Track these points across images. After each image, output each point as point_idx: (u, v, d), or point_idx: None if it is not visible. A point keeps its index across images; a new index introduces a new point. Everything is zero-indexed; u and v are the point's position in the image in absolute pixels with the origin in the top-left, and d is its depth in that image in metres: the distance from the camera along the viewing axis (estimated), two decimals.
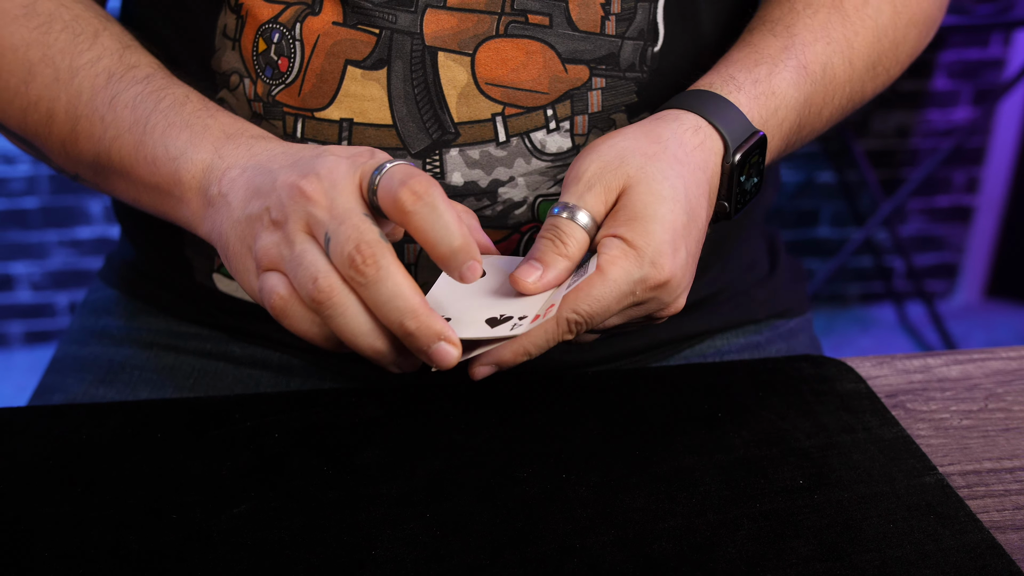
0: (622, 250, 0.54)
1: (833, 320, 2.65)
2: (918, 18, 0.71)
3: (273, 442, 0.59)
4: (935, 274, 2.72)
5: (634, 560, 0.50)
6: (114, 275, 0.81)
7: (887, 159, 2.57)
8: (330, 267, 0.50)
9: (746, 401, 0.63)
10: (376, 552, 0.50)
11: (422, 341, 0.50)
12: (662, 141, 0.58)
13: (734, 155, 0.60)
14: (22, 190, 2.36)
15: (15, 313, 2.49)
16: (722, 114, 0.60)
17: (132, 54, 0.63)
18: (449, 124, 0.63)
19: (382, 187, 0.51)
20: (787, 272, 0.84)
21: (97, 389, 0.74)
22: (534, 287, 0.55)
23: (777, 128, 0.63)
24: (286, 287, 0.51)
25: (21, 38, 0.62)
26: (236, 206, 0.54)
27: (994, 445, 0.60)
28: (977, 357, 0.69)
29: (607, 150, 0.57)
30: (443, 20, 0.62)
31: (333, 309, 0.50)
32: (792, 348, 0.80)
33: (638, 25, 0.64)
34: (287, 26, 0.62)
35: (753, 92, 0.62)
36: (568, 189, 0.57)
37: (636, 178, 0.56)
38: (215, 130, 0.58)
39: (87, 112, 0.61)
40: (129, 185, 0.62)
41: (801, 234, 2.63)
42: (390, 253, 0.49)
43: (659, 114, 0.61)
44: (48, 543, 0.51)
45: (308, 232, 0.51)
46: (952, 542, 0.51)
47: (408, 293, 0.49)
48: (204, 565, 0.49)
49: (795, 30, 0.65)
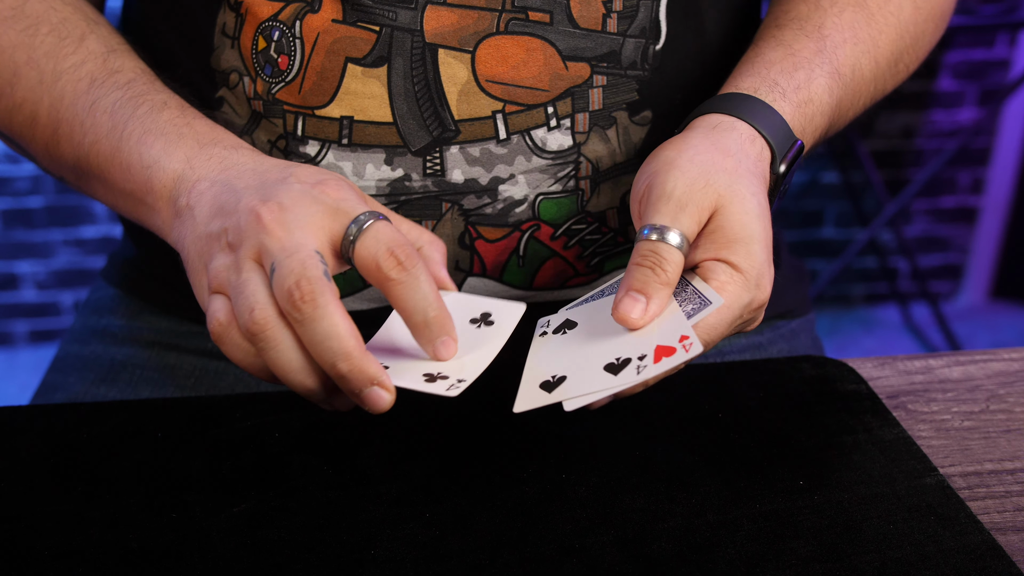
0: (729, 275, 0.54)
1: (838, 321, 2.64)
2: (935, 12, 0.71)
3: (273, 441, 0.59)
4: (940, 275, 2.71)
5: (633, 560, 0.49)
6: (116, 274, 0.81)
7: (892, 160, 2.57)
8: (269, 299, 0.50)
9: (747, 401, 0.63)
10: (375, 552, 0.50)
11: (354, 384, 0.49)
12: (732, 154, 0.57)
13: (780, 164, 0.60)
14: (27, 189, 2.36)
15: (20, 312, 2.50)
16: (771, 124, 0.60)
17: (116, 58, 0.63)
18: (449, 121, 0.63)
19: (364, 247, 0.51)
20: (789, 272, 0.84)
21: (98, 388, 0.74)
22: (642, 321, 0.53)
23: (812, 134, 0.64)
24: (226, 314, 0.51)
25: (8, 40, 0.62)
26: (200, 221, 0.54)
27: (995, 446, 0.60)
28: (979, 358, 0.69)
29: (689, 166, 0.55)
30: (443, 17, 0.62)
31: (266, 342, 0.50)
32: (794, 348, 0.80)
33: (640, 23, 0.64)
34: (287, 24, 0.62)
35: (795, 100, 0.61)
36: (657, 209, 0.54)
37: (727, 197, 0.55)
38: (189, 139, 0.58)
39: (68, 116, 0.61)
40: (107, 190, 0.62)
41: (806, 234, 2.63)
42: (330, 292, 0.49)
43: (714, 121, 0.59)
44: (48, 541, 0.51)
45: (257, 260, 0.51)
46: (952, 543, 0.51)
47: (344, 334, 0.49)
48: (203, 564, 0.49)
49: (825, 31, 0.65)
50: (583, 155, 0.66)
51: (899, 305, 2.69)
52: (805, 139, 0.63)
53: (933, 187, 2.59)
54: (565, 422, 0.60)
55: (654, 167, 0.56)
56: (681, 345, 0.53)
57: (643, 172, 0.57)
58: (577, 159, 0.66)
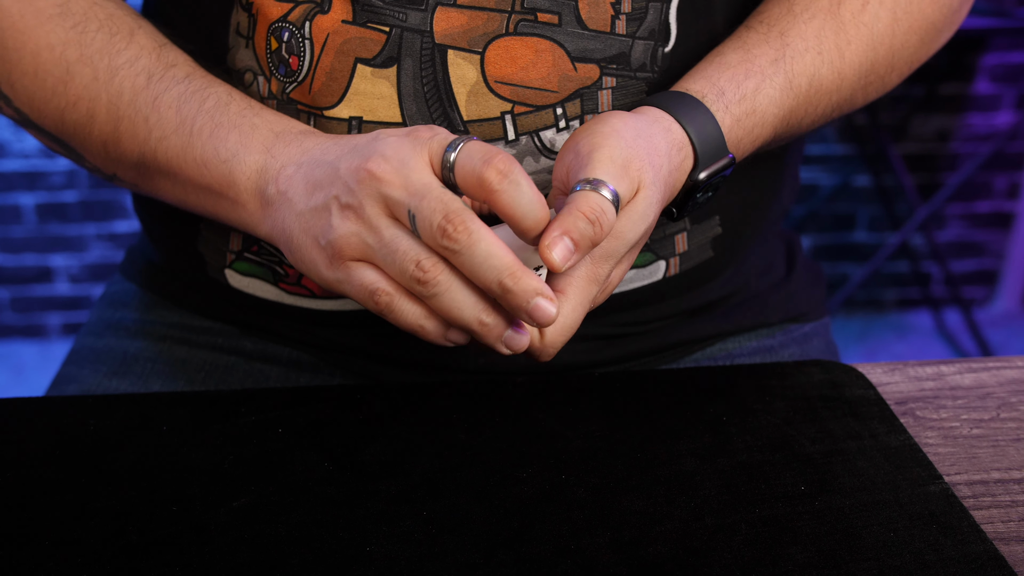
0: (584, 267, 0.55)
1: (869, 326, 2.62)
2: (919, 25, 0.69)
3: (276, 437, 0.59)
4: (974, 280, 2.68)
5: (628, 563, 0.49)
6: (133, 269, 0.82)
7: (927, 163, 2.54)
8: (427, 248, 0.51)
9: (752, 405, 0.63)
10: (371, 548, 0.50)
11: (521, 298, 0.50)
12: (660, 154, 0.57)
13: (700, 172, 0.60)
14: (62, 184, 2.40)
15: (53, 305, 2.53)
16: (705, 133, 0.60)
17: (168, 52, 0.63)
18: (458, 122, 0.63)
19: (461, 166, 0.51)
20: (804, 275, 0.83)
21: (110, 381, 0.75)
22: (562, 268, 0.52)
23: (750, 144, 0.64)
24: (387, 281, 0.52)
25: (57, 37, 0.63)
26: (298, 201, 0.55)
27: (1004, 455, 0.59)
28: (992, 365, 0.68)
29: (635, 143, 0.55)
30: (453, 18, 0.62)
31: (438, 288, 0.51)
32: (806, 352, 0.79)
33: (649, 25, 0.64)
34: (296, 24, 0.63)
35: (738, 111, 0.62)
36: (606, 168, 0.54)
37: (643, 193, 0.55)
38: (263, 129, 0.59)
39: (130, 113, 0.62)
40: (176, 186, 0.62)
41: (838, 238, 2.61)
42: (477, 218, 0.50)
43: (654, 115, 0.60)
44: (48, 532, 0.52)
45: (389, 215, 0.52)
46: (953, 552, 0.50)
47: (502, 252, 0.50)
48: (201, 557, 0.50)
49: (788, 38, 0.64)
50: None
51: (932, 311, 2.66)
52: (739, 151, 0.63)
53: (968, 191, 2.56)
54: (567, 422, 0.60)
55: (604, 129, 0.56)
56: None
57: (589, 129, 0.57)
58: None
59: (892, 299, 2.69)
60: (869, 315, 2.67)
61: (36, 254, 2.47)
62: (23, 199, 2.41)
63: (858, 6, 0.66)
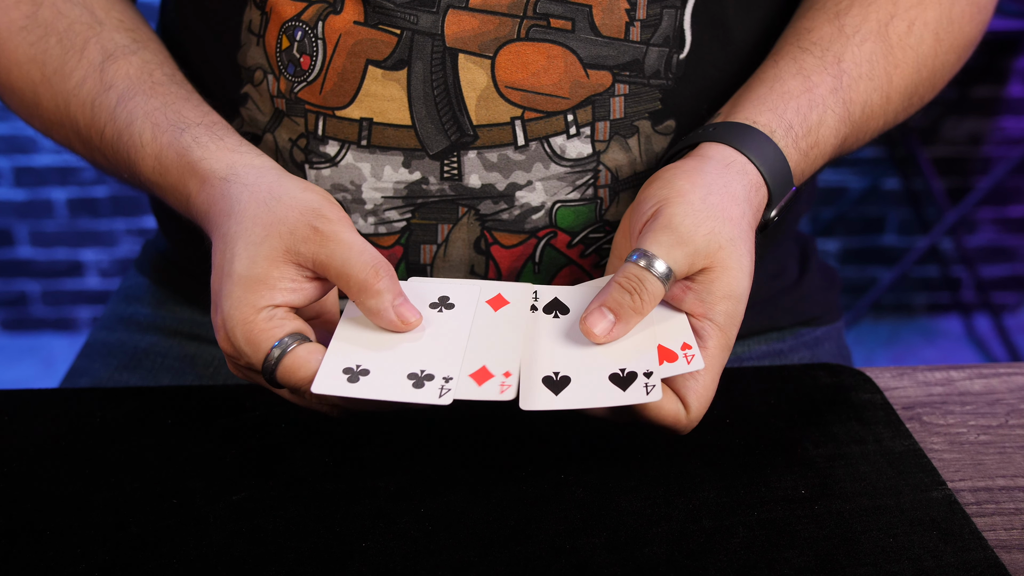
0: (717, 339, 0.54)
1: (898, 330, 2.59)
2: (959, 43, 0.69)
3: (279, 432, 0.60)
4: (1006, 286, 2.65)
5: (623, 564, 0.49)
6: (147, 264, 0.83)
7: (959, 167, 2.51)
8: None
9: (757, 408, 0.62)
10: (367, 544, 0.51)
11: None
12: (740, 203, 0.57)
13: (772, 211, 0.60)
14: (92, 179, 2.43)
15: (84, 299, 2.56)
16: (778, 172, 0.60)
17: (111, 67, 0.64)
18: (468, 126, 0.63)
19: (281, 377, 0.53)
20: (818, 278, 0.82)
21: (121, 374, 0.76)
22: (603, 339, 0.53)
23: (810, 173, 0.64)
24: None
25: (24, 54, 0.65)
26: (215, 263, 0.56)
27: (1010, 462, 0.59)
28: (1003, 371, 0.68)
29: (700, 205, 0.54)
30: (464, 22, 0.62)
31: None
32: (816, 356, 0.79)
33: (664, 31, 0.64)
34: (309, 24, 0.63)
35: (804, 146, 0.62)
36: (656, 238, 0.53)
37: (727, 251, 0.54)
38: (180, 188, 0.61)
39: (90, 143, 0.64)
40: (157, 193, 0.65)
41: (867, 241, 2.58)
42: (304, 370, 0.51)
43: (729, 157, 0.59)
44: (49, 522, 0.52)
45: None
46: (952, 559, 0.50)
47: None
48: (198, 550, 0.50)
49: (844, 64, 0.64)
50: (602, 163, 0.65)
51: (962, 315, 2.63)
52: (800, 180, 0.63)
53: (1000, 196, 2.53)
54: (567, 422, 0.60)
55: (665, 194, 0.56)
56: (683, 354, 0.53)
57: (651, 194, 0.56)
58: (596, 167, 0.65)
59: (921, 304, 2.66)
60: (898, 319, 2.64)
61: (67, 248, 2.50)
62: (55, 194, 2.44)
63: (904, 27, 0.66)
